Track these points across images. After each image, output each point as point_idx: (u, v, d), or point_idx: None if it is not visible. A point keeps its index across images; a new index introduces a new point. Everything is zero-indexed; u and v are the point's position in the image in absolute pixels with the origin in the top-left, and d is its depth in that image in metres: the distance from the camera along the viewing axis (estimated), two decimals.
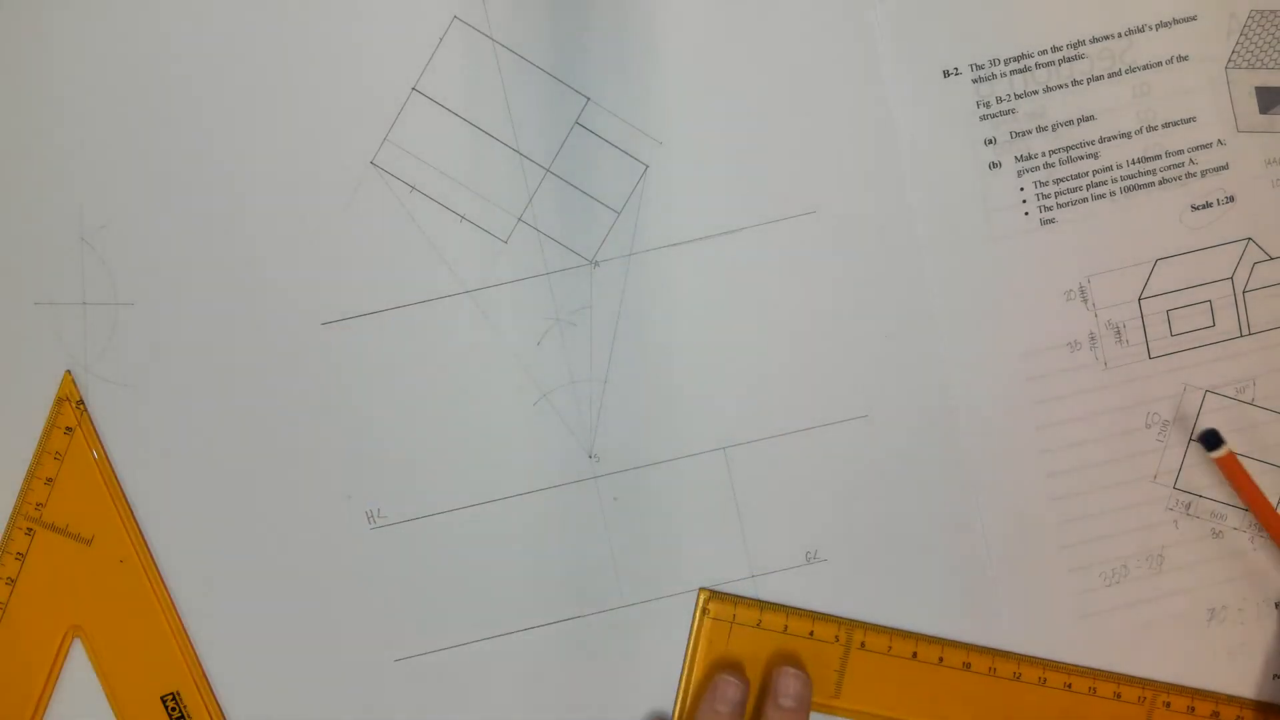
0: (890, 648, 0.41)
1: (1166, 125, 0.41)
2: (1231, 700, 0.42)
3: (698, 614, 0.42)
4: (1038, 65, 0.41)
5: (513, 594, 0.42)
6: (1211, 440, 0.40)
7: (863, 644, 0.41)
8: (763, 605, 0.41)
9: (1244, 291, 0.42)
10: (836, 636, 0.41)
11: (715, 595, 0.41)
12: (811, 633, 0.41)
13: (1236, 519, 0.42)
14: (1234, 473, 0.40)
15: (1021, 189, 0.41)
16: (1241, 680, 0.43)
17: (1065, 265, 0.42)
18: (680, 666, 0.42)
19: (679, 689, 0.41)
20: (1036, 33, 0.41)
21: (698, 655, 0.41)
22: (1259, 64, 0.41)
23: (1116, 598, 0.42)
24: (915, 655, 0.41)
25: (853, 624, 0.42)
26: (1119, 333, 0.42)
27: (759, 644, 0.41)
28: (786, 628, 0.41)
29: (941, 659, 0.41)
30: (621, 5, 0.40)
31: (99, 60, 0.40)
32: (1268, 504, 0.41)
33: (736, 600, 0.41)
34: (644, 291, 0.41)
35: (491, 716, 0.42)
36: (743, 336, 0.41)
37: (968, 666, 0.41)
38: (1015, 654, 0.42)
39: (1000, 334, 0.42)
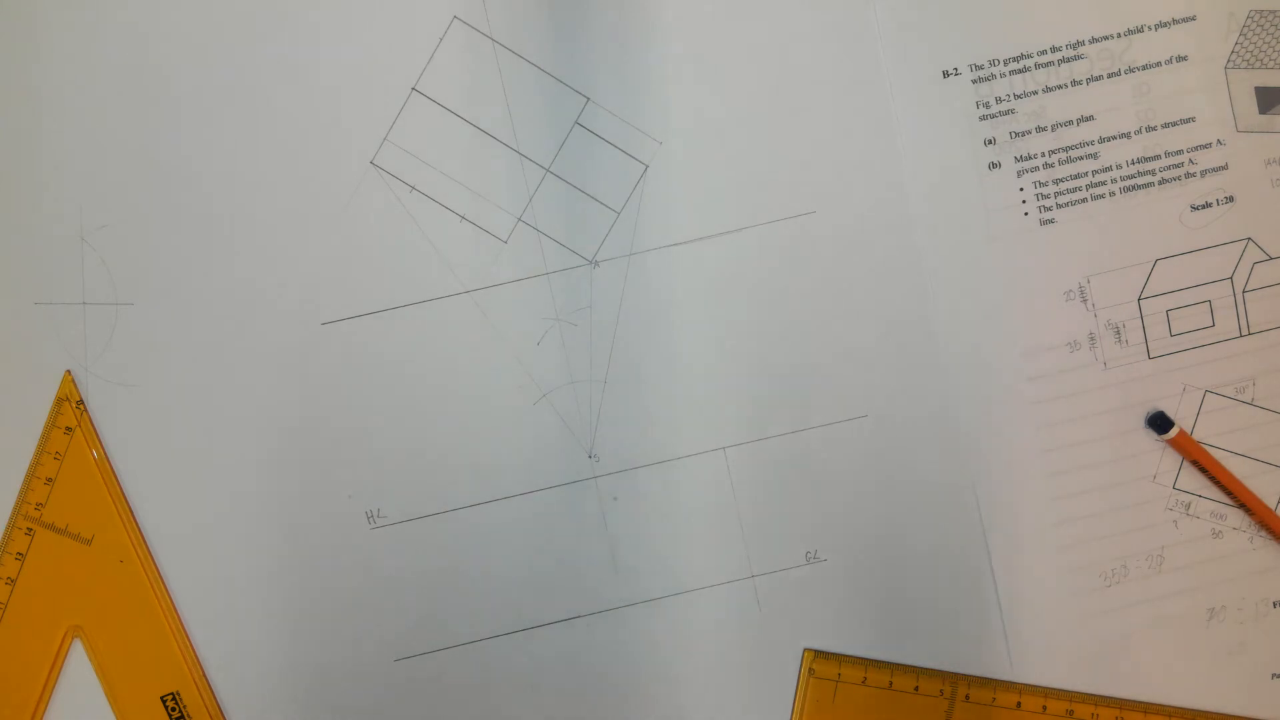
0: (994, 699, 0.41)
1: (1166, 125, 0.41)
2: None
3: (803, 674, 0.42)
4: (1037, 65, 0.41)
5: (513, 594, 0.42)
6: (1160, 423, 0.40)
7: (967, 697, 0.41)
8: (867, 663, 0.42)
9: (1244, 291, 0.42)
10: (941, 690, 0.41)
11: (820, 655, 0.42)
12: (916, 688, 0.41)
13: (1236, 519, 0.42)
14: (1190, 450, 0.41)
15: (1021, 189, 0.41)
16: (1241, 680, 0.43)
17: (1065, 265, 0.42)
18: None
19: None
20: (1036, 33, 0.41)
21: (805, 717, 0.41)
22: (1258, 64, 0.41)
23: (1116, 598, 0.42)
24: (1019, 705, 0.41)
25: (957, 677, 0.42)
26: (1119, 333, 0.42)
27: (864, 701, 0.41)
28: (891, 684, 0.41)
29: (1045, 708, 0.41)
30: (621, 5, 0.40)
31: (99, 61, 0.40)
32: (1231, 475, 0.41)
33: (841, 659, 0.42)
34: (644, 291, 0.41)
35: (491, 716, 0.42)
36: (742, 336, 0.41)
37: (1070, 714, 0.42)
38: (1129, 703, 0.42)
39: (1000, 334, 0.42)
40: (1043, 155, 0.41)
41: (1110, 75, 0.41)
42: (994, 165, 0.41)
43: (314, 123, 0.40)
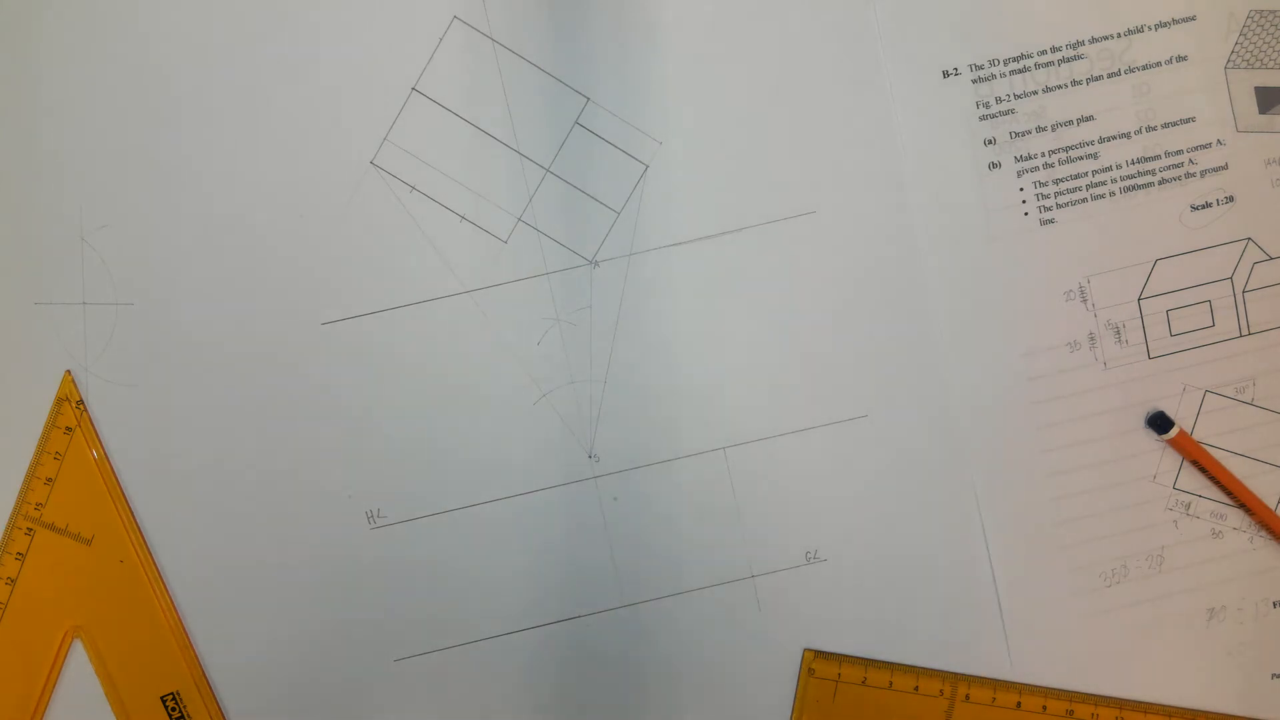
0: (994, 699, 0.41)
1: (1166, 125, 0.41)
2: None
3: (803, 674, 0.42)
4: (1037, 65, 0.41)
5: (513, 594, 0.42)
6: (1161, 423, 0.40)
7: (967, 696, 0.41)
8: (867, 663, 0.41)
9: (1244, 291, 0.42)
10: (941, 690, 0.41)
11: (820, 655, 0.41)
12: (916, 688, 0.41)
13: (1236, 519, 0.42)
14: (1190, 450, 0.41)
15: (1021, 189, 0.41)
16: (1241, 680, 0.43)
17: (1065, 265, 0.42)
18: None
19: None
20: (1036, 33, 0.41)
21: (805, 717, 0.41)
22: (1258, 64, 0.41)
23: (1117, 598, 0.42)
24: (1019, 705, 0.41)
25: (957, 677, 0.42)
26: (1119, 333, 0.42)
27: (864, 701, 0.41)
28: (891, 684, 0.41)
29: (1045, 708, 0.41)
30: (621, 5, 0.40)
31: (99, 61, 0.40)
32: (1231, 475, 0.41)
33: (841, 659, 0.41)
34: (644, 291, 0.41)
35: (491, 717, 0.42)
36: (742, 336, 0.41)
37: (1070, 714, 0.42)
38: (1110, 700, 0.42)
39: (1000, 334, 0.42)
40: (1043, 155, 0.41)
41: (1110, 75, 0.41)
42: (994, 165, 0.41)
43: (314, 123, 0.40)
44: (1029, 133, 0.41)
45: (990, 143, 0.41)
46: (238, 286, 0.40)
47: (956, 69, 0.41)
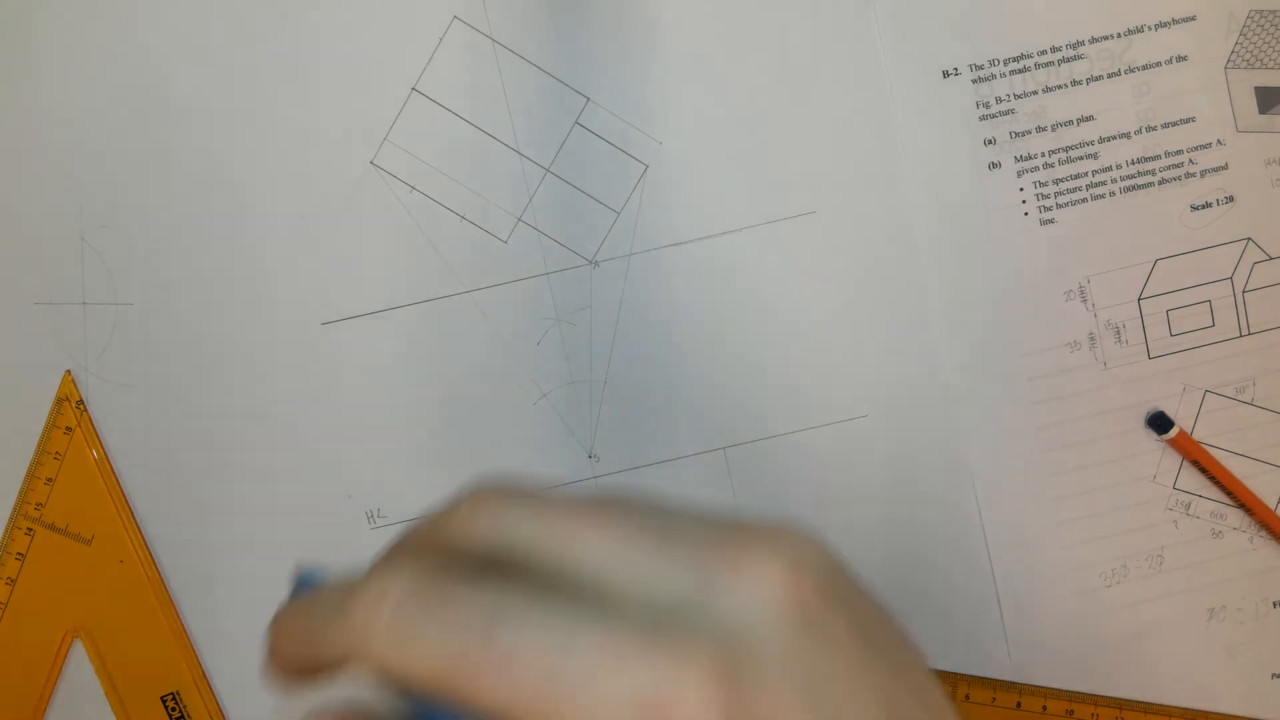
0: (994, 699, 0.41)
1: (1166, 125, 0.41)
2: None
3: None
4: (1037, 65, 0.41)
5: None
6: (1161, 423, 0.40)
7: (967, 697, 0.41)
8: None
9: (1243, 291, 0.42)
10: None
11: None
12: None
13: (1236, 519, 0.42)
14: (1190, 450, 0.41)
15: (1021, 189, 0.41)
16: (1241, 680, 0.43)
17: (1065, 265, 0.42)
18: None
19: None
20: (1036, 33, 0.41)
21: None
22: (1258, 64, 0.41)
23: (1116, 598, 0.42)
24: (1019, 705, 0.41)
25: (957, 677, 0.42)
26: (1119, 333, 0.42)
27: None
28: None
29: (1045, 708, 0.41)
30: (621, 5, 0.40)
31: (99, 61, 0.40)
32: (1231, 475, 0.41)
33: None
34: (644, 291, 0.41)
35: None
36: (742, 336, 0.41)
37: (1070, 714, 0.41)
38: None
39: (1000, 334, 0.42)
40: (1043, 155, 0.41)
41: (1110, 75, 0.41)
42: (994, 165, 0.41)
43: (314, 123, 0.40)
44: (1029, 133, 0.41)
45: (990, 143, 0.41)
46: (238, 287, 0.40)
47: (956, 69, 0.41)
